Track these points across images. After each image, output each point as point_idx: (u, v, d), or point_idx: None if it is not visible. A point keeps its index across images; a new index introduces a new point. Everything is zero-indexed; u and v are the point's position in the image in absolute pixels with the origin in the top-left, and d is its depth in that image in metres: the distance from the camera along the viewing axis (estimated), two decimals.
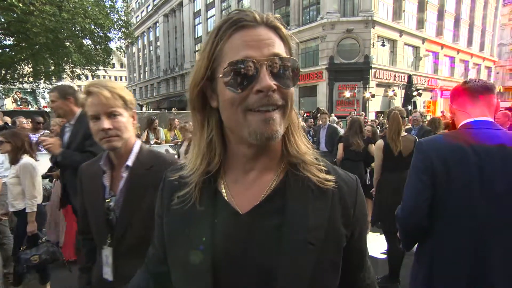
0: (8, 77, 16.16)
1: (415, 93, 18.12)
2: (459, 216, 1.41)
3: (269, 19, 0.63)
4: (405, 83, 20.35)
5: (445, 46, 29.76)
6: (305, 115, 15.94)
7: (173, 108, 21.71)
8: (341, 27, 22.28)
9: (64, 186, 2.95)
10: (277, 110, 0.60)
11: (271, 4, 26.69)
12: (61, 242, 3.97)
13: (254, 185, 0.68)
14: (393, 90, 22.04)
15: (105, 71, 17.99)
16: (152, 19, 47.84)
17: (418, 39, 26.74)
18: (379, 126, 10.67)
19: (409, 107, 16.69)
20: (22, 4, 11.07)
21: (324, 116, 7.07)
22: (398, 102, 20.74)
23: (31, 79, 17.02)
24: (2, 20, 13.73)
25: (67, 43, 14.22)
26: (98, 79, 1.26)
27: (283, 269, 0.61)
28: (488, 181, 1.36)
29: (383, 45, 21.79)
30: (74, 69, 15.90)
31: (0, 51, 14.92)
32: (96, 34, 14.83)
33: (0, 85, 17.08)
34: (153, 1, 47.03)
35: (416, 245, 1.62)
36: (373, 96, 21.08)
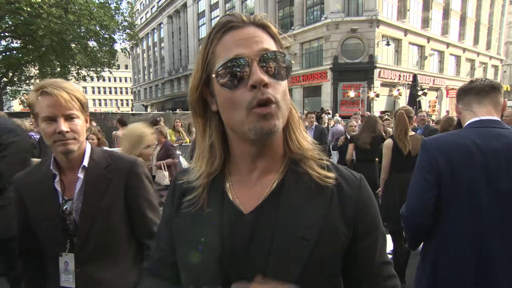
0: (15, 79, 16.39)
1: (420, 93, 17.96)
2: (464, 215, 1.40)
3: (257, 18, 0.65)
4: (410, 83, 20.19)
5: (451, 45, 29.48)
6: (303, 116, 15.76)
7: (178, 109, 21.79)
8: (345, 27, 22.19)
9: None
10: (274, 105, 0.61)
11: (275, 4, 26.67)
12: None
13: (257, 185, 0.70)
14: (398, 90, 21.85)
15: (110, 72, 18.14)
16: (157, 21, 48.10)
17: (423, 38, 26.51)
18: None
19: (414, 107, 16.54)
20: (30, 8, 11.21)
21: (311, 116, 6.58)
22: (403, 102, 20.59)
23: (38, 81, 17.22)
24: (10, 23, 13.93)
25: (73, 45, 14.40)
26: (51, 79, 1.21)
27: (273, 264, 0.62)
28: (494, 180, 1.36)
29: (388, 45, 21.65)
30: (80, 71, 16.07)
31: (8, 54, 15.14)
32: (101, 36, 14.97)
33: (8, 87, 17.33)
34: (158, 3, 47.32)
35: (422, 244, 1.62)
36: (378, 96, 20.93)
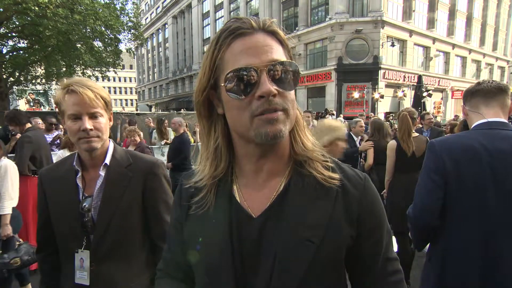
0: (22, 79, 16.53)
1: (425, 94, 17.84)
2: (471, 216, 1.40)
3: (266, 24, 0.65)
4: (415, 84, 20.08)
5: (457, 46, 29.26)
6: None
7: (182, 109, 21.86)
8: (350, 28, 22.12)
9: None
10: (280, 112, 0.62)
11: (280, 5, 26.67)
12: None
13: (264, 188, 0.70)
14: (403, 91, 21.72)
15: (115, 72, 18.22)
16: (161, 21, 48.32)
17: (429, 39, 26.34)
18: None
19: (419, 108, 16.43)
20: (38, 7, 11.31)
21: (307, 115, 6.17)
22: (408, 103, 20.47)
23: (44, 81, 17.38)
24: (17, 23, 14.07)
25: (78, 45, 14.48)
26: (78, 77, 1.23)
27: (279, 265, 0.63)
28: (501, 182, 1.36)
29: (393, 46, 21.55)
30: (85, 70, 16.17)
31: (14, 54, 15.28)
32: (107, 36, 15.02)
33: (14, 87, 17.49)
34: (162, 3, 47.55)
35: (428, 245, 1.61)
36: (382, 97, 20.83)
